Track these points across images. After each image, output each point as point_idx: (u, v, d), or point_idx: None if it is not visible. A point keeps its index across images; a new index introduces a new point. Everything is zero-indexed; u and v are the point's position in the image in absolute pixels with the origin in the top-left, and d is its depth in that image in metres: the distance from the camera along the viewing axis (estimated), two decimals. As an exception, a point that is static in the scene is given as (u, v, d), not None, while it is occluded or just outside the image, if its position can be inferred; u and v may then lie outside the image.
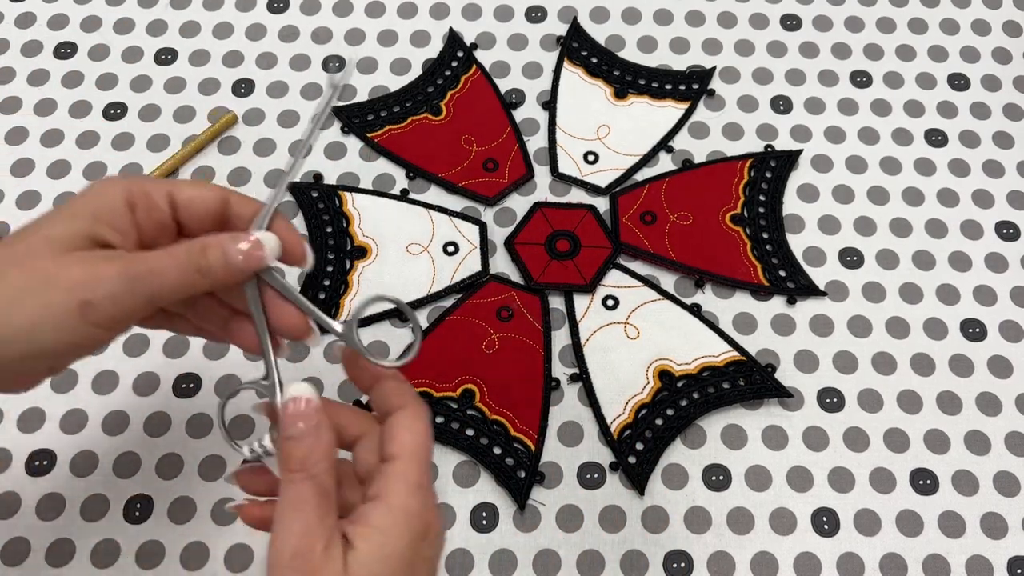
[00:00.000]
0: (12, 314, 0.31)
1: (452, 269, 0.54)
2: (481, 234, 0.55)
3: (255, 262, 0.35)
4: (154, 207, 0.35)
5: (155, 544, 0.47)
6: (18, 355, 0.32)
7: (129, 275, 0.32)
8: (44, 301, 0.31)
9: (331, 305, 0.53)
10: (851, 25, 0.64)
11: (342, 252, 0.54)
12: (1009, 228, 0.57)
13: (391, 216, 0.56)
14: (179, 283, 0.33)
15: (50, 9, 0.63)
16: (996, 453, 0.50)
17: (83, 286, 0.32)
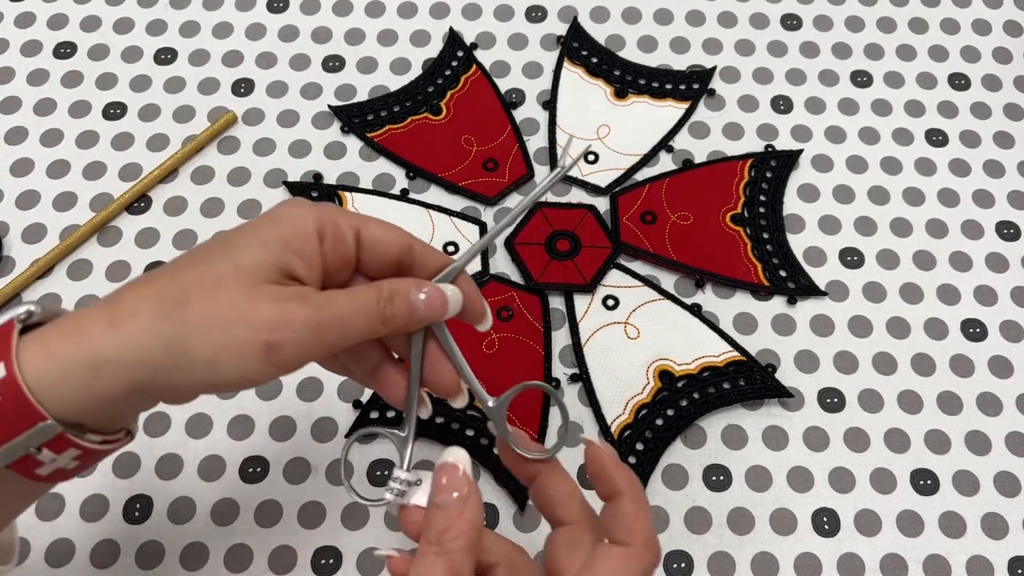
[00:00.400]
0: (196, 345, 0.31)
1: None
2: (481, 234, 0.55)
3: (436, 314, 0.35)
4: (341, 241, 0.34)
5: (154, 544, 0.47)
6: (196, 383, 0.32)
7: (317, 321, 0.32)
8: (230, 337, 0.31)
9: None
10: (851, 25, 0.64)
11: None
12: (1010, 228, 0.57)
13: (391, 216, 0.56)
14: (361, 330, 0.33)
15: (50, 9, 0.63)
16: (997, 453, 0.50)
17: (271, 328, 0.31)
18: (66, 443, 0.31)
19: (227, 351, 0.31)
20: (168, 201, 0.57)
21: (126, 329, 0.31)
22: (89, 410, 0.31)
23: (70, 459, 0.32)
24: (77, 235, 0.54)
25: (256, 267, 0.32)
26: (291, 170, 0.58)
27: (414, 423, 0.35)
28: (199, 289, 0.32)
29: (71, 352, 0.31)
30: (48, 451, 0.31)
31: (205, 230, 0.56)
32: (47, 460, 0.31)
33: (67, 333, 0.31)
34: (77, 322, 0.32)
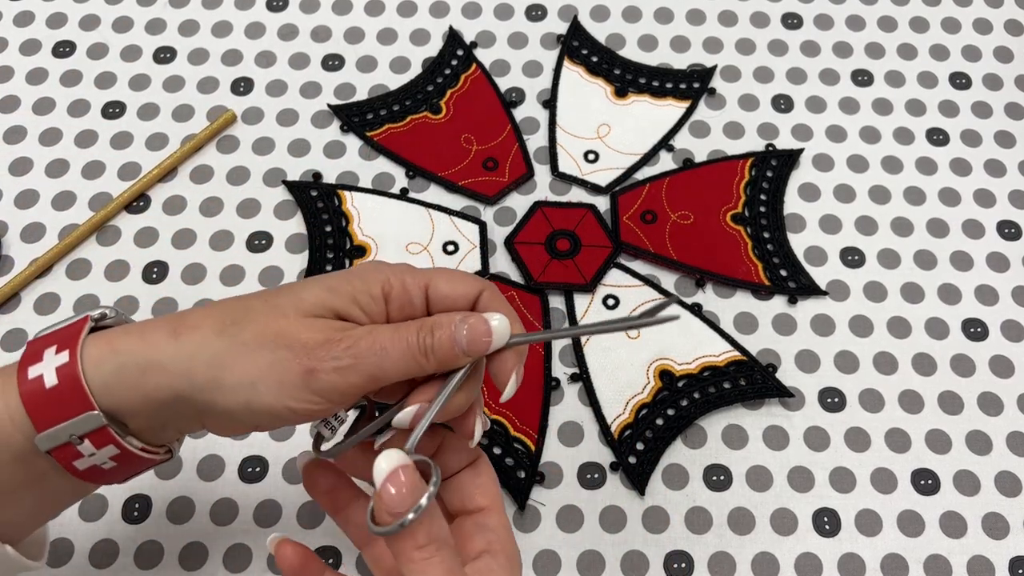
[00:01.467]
0: (239, 363, 0.32)
1: (452, 267, 0.54)
2: (481, 233, 0.55)
3: (480, 347, 0.33)
4: (407, 302, 0.35)
5: (153, 544, 0.47)
6: (237, 405, 0.32)
7: (357, 350, 0.32)
8: (272, 358, 0.32)
9: None
10: (852, 24, 0.64)
11: (341, 251, 0.54)
12: (1011, 227, 0.56)
13: (391, 215, 0.55)
14: (402, 362, 0.33)
15: (49, 7, 0.63)
16: (998, 453, 0.50)
17: (312, 353, 0.32)
18: (107, 438, 0.32)
19: (268, 372, 0.32)
20: (167, 200, 0.56)
21: (183, 340, 0.33)
22: (135, 411, 0.32)
23: (107, 457, 0.33)
24: (76, 234, 0.54)
25: (316, 304, 0.33)
26: (290, 169, 0.58)
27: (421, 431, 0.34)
28: (258, 314, 0.33)
29: (130, 351, 0.32)
30: (89, 443, 0.32)
31: (204, 229, 0.55)
32: (86, 453, 0.32)
33: (131, 335, 0.33)
34: (143, 328, 0.33)
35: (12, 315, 0.52)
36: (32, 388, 0.32)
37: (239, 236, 0.55)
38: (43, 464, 0.33)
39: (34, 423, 0.32)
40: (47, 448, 0.32)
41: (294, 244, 0.55)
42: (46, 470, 0.33)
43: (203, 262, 0.54)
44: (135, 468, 0.34)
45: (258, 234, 0.55)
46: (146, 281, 0.54)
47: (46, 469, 0.33)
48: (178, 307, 0.53)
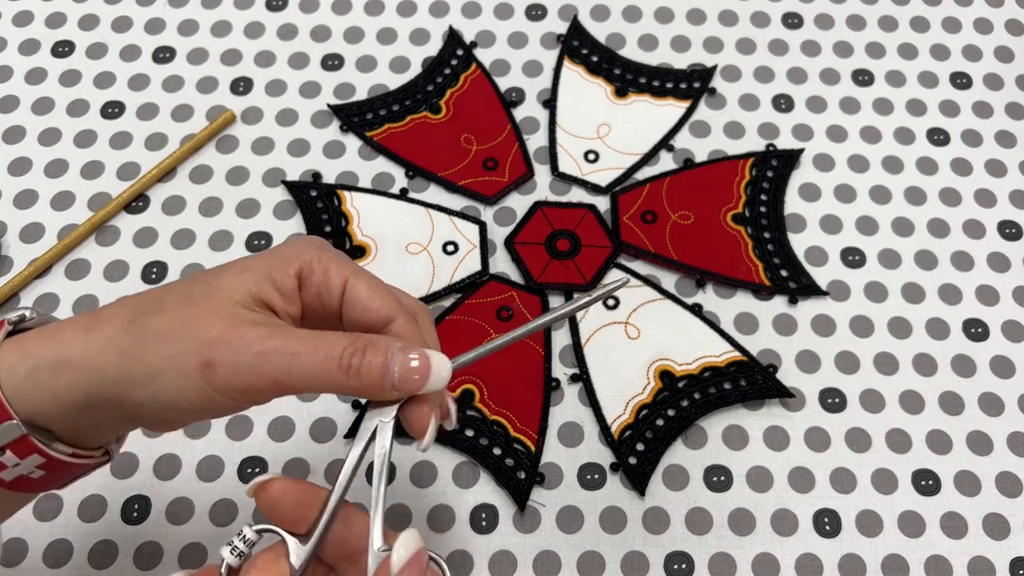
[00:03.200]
0: (145, 354, 0.30)
1: (451, 268, 0.54)
2: (481, 233, 0.55)
3: (413, 386, 0.31)
4: (325, 289, 0.33)
5: (153, 545, 0.47)
6: (146, 398, 0.30)
7: (263, 348, 0.29)
8: (174, 351, 0.30)
9: None
10: (853, 23, 0.64)
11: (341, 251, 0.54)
12: (1012, 227, 0.56)
13: (390, 215, 0.55)
14: (315, 375, 0.30)
15: (48, 7, 0.63)
16: (998, 454, 0.50)
17: (211, 346, 0.29)
18: (29, 447, 0.30)
19: (169, 364, 0.30)
20: (166, 200, 0.56)
21: (95, 335, 0.31)
22: (53, 415, 0.31)
23: (34, 467, 0.31)
24: (75, 234, 0.54)
25: (230, 289, 0.31)
26: (290, 169, 0.58)
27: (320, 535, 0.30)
28: (170, 303, 0.31)
29: (41, 353, 0.31)
30: (11, 454, 0.30)
31: (203, 229, 0.55)
32: (10, 464, 0.30)
33: (45, 336, 0.31)
34: (58, 327, 0.31)
35: (11, 315, 0.52)
36: None
37: (238, 236, 0.55)
38: None
39: None
40: None
41: (294, 244, 0.55)
42: None
43: (202, 262, 0.54)
44: (68, 475, 0.32)
45: (257, 234, 0.55)
46: (146, 281, 0.54)
47: None
48: (177, 307, 0.53)
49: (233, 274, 0.32)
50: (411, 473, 0.49)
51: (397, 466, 0.49)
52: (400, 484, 0.48)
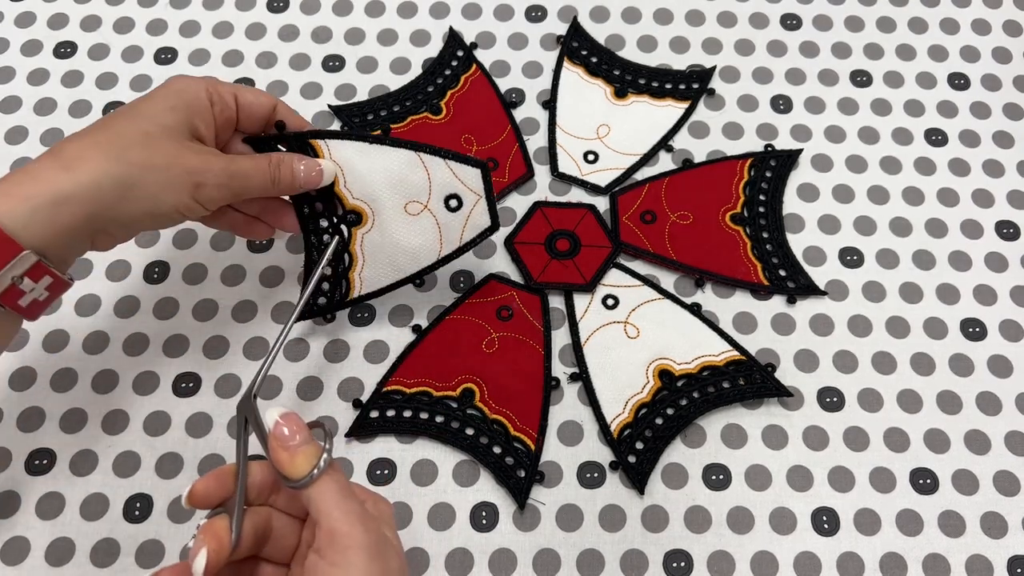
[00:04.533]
0: (141, 182, 0.40)
1: (459, 227, 0.50)
2: (484, 180, 0.49)
3: (312, 182, 0.46)
4: (225, 105, 0.45)
5: (154, 543, 0.47)
6: (142, 213, 0.41)
7: (229, 172, 0.43)
8: (168, 177, 0.41)
9: (340, 281, 0.50)
10: (851, 24, 0.64)
11: (335, 218, 0.49)
12: (1009, 228, 0.57)
13: (379, 167, 0.48)
14: (259, 186, 0.44)
15: (50, 8, 0.63)
16: (996, 452, 0.50)
17: (197, 172, 0.41)
18: (42, 271, 0.39)
19: (166, 188, 0.41)
20: (168, 200, 0.56)
21: (79, 170, 0.39)
22: (53, 242, 0.39)
23: (43, 289, 0.39)
24: (77, 234, 0.54)
25: (175, 127, 0.42)
26: (291, 169, 0.58)
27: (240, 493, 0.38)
28: (135, 141, 0.41)
29: (33, 193, 0.38)
30: (29, 280, 0.39)
31: (205, 230, 0.56)
32: (28, 289, 0.39)
33: (23, 180, 0.39)
34: (28, 171, 0.39)
35: (14, 315, 0.53)
36: None
37: (239, 237, 0.55)
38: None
39: None
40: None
41: (294, 244, 0.55)
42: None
43: (204, 262, 0.55)
44: (57, 295, 0.41)
45: (259, 234, 0.56)
46: (147, 281, 0.54)
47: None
48: (179, 308, 0.53)
49: (168, 114, 0.42)
50: (411, 471, 0.49)
51: (397, 464, 0.49)
52: (400, 483, 0.49)
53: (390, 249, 0.50)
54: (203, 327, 0.53)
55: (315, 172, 0.46)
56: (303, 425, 0.38)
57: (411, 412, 0.50)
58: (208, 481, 0.38)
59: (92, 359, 0.51)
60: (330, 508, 0.36)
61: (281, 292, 0.54)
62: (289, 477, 0.36)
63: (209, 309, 0.53)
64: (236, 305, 0.53)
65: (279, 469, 0.37)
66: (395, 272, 0.51)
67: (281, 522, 0.39)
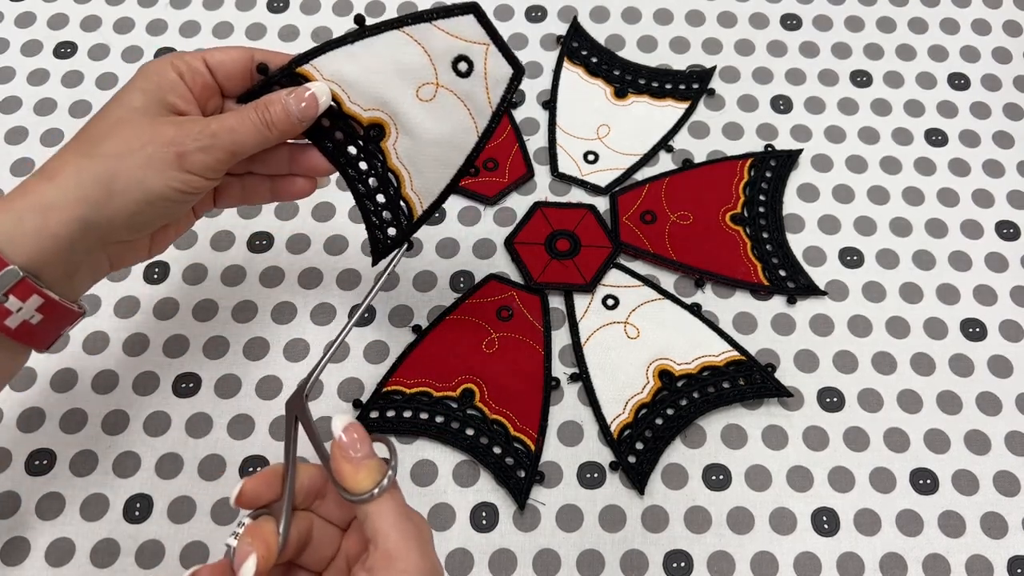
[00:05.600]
0: (121, 170, 0.37)
1: (482, 90, 0.42)
2: (482, 23, 0.42)
3: (310, 110, 0.41)
4: (197, 73, 0.41)
5: (155, 544, 0.47)
6: (135, 203, 0.38)
7: (211, 131, 0.39)
8: (147, 154, 0.38)
9: (397, 202, 0.45)
10: (851, 25, 0.64)
11: (359, 139, 0.43)
12: (1009, 228, 0.57)
13: (372, 66, 0.42)
14: (252, 136, 0.40)
15: (50, 8, 0.63)
16: (996, 453, 0.50)
17: (176, 141, 0.38)
18: (29, 288, 0.36)
19: (148, 167, 0.38)
20: (168, 201, 0.57)
21: (60, 176, 0.37)
22: (46, 258, 0.36)
23: (34, 310, 0.37)
24: (77, 235, 0.54)
25: (146, 106, 0.39)
26: (291, 170, 0.58)
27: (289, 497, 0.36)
28: (106, 132, 0.38)
29: (19, 205, 0.36)
30: (14, 298, 0.36)
31: (204, 229, 0.56)
32: (14, 308, 0.36)
33: (12, 196, 0.37)
34: (18, 187, 0.37)
35: (14, 315, 0.53)
36: None
37: (240, 236, 0.55)
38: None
39: None
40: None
41: (295, 244, 0.55)
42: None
43: (204, 262, 0.55)
44: (60, 322, 0.38)
45: (259, 234, 0.56)
46: (147, 282, 0.54)
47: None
48: (180, 309, 0.53)
49: (137, 95, 0.39)
50: (412, 472, 0.49)
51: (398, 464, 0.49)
52: (400, 483, 0.48)
53: (427, 148, 0.44)
54: (203, 327, 0.53)
55: (307, 97, 0.40)
56: (368, 437, 0.36)
57: (411, 412, 0.50)
58: (257, 481, 0.36)
59: (92, 360, 0.51)
60: (388, 529, 0.34)
61: (281, 292, 0.54)
62: (349, 491, 0.35)
63: (209, 309, 0.53)
64: (236, 305, 0.53)
65: (339, 481, 0.35)
66: (445, 169, 0.44)
67: (322, 530, 0.38)
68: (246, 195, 0.44)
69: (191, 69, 0.41)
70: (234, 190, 0.44)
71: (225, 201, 0.44)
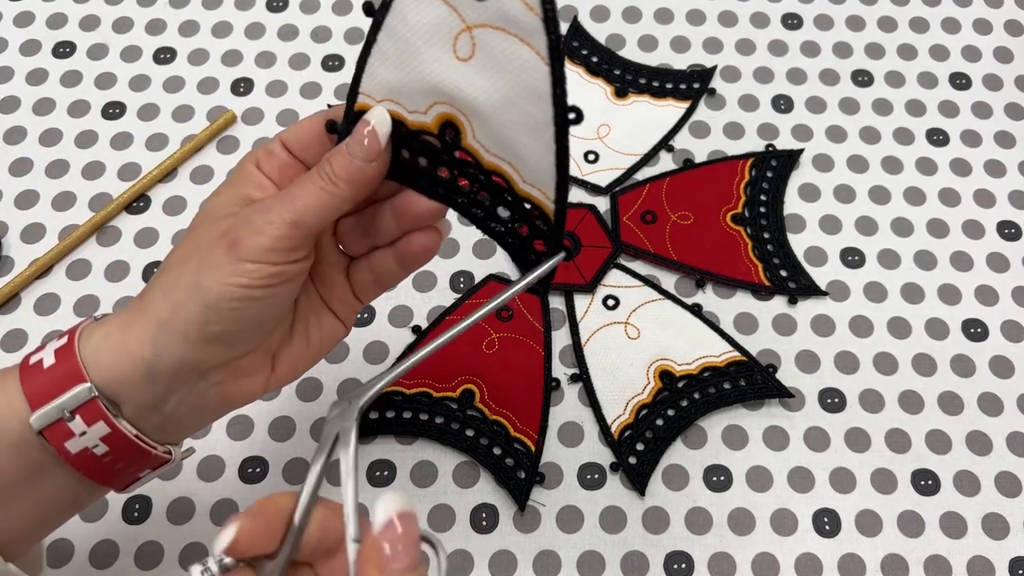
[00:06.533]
0: (182, 274, 0.33)
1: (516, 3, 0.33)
2: None
3: (374, 147, 0.34)
4: (272, 154, 0.36)
5: (154, 545, 0.47)
6: (198, 311, 0.32)
7: (263, 205, 0.33)
8: (201, 256, 0.33)
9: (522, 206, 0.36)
10: (852, 24, 0.64)
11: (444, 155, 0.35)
12: (1011, 228, 0.56)
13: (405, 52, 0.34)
14: (315, 199, 0.33)
15: (49, 8, 0.63)
16: (998, 454, 0.50)
17: (228, 232, 0.33)
18: (97, 412, 0.32)
19: (202, 268, 0.33)
20: (167, 201, 0.56)
21: (147, 293, 0.34)
22: (126, 379, 0.32)
23: (98, 439, 0.32)
24: (76, 235, 0.54)
25: (219, 206, 0.35)
26: (291, 170, 0.58)
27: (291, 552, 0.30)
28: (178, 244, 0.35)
29: (113, 321, 0.34)
30: (80, 419, 0.32)
31: (204, 230, 0.55)
32: (77, 431, 0.32)
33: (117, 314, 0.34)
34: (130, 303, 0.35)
35: (12, 316, 0.52)
36: (30, 371, 0.33)
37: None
38: (38, 455, 0.33)
39: (29, 404, 0.32)
40: (39, 427, 0.32)
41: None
42: (42, 462, 0.33)
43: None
44: (130, 461, 0.34)
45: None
46: (146, 282, 0.54)
47: (42, 461, 0.33)
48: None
49: (212, 199, 0.36)
50: (411, 473, 0.49)
51: (397, 466, 0.49)
52: (400, 484, 0.48)
53: (504, 118, 0.33)
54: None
55: (367, 133, 0.34)
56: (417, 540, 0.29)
57: (411, 413, 0.50)
58: (256, 524, 0.29)
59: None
60: None
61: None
62: None
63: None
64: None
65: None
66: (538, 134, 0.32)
67: None
68: (377, 275, 0.38)
69: (266, 153, 0.36)
70: (364, 274, 0.38)
71: (363, 291, 0.38)
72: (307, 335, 0.37)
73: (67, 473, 0.33)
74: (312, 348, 0.38)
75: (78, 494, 0.35)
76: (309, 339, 0.38)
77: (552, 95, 0.31)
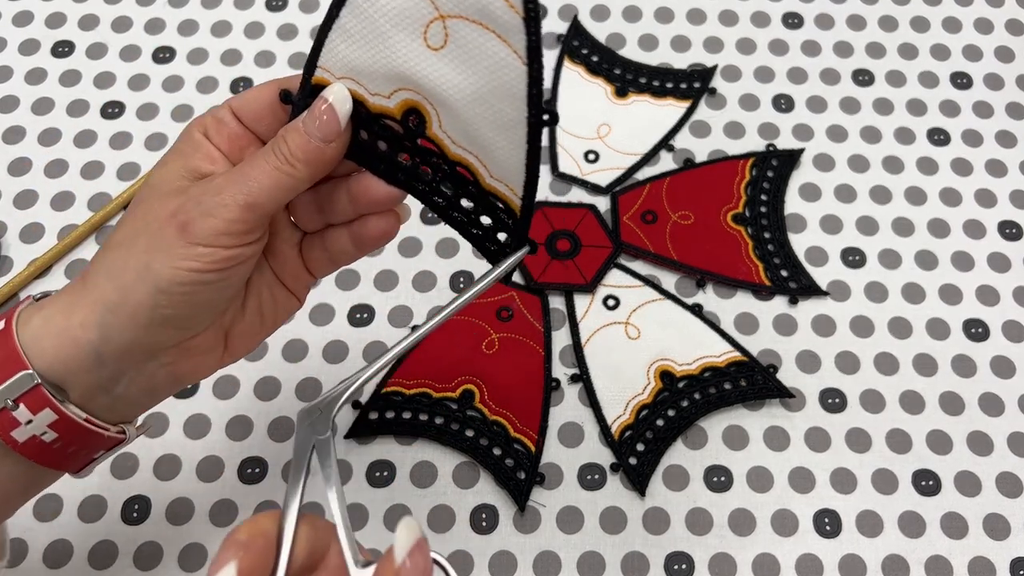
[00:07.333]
0: (130, 256, 0.32)
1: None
2: None
3: (332, 124, 0.32)
4: (222, 123, 0.34)
5: (153, 545, 0.47)
6: (148, 295, 0.31)
7: (215, 184, 0.31)
8: (150, 235, 0.31)
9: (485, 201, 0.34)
10: (853, 23, 0.64)
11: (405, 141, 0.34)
12: (1012, 228, 0.56)
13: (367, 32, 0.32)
14: (270, 179, 0.32)
15: (48, 7, 0.63)
16: (999, 454, 0.50)
17: (178, 212, 0.31)
18: (42, 400, 0.31)
19: (152, 250, 0.31)
20: (166, 200, 0.56)
21: (90, 272, 0.33)
22: (71, 363, 0.31)
23: (46, 426, 0.31)
24: (75, 235, 0.54)
25: (166, 179, 0.33)
26: (290, 169, 0.57)
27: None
28: (123, 219, 0.33)
29: (50, 303, 0.32)
30: (24, 408, 0.31)
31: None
32: (23, 420, 0.31)
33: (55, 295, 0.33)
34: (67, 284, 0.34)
35: (11, 316, 0.52)
36: None
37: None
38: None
39: None
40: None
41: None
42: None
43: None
44: (80, 444, 0.33)
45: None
46: (145, 281, 0.54)
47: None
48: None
49: (156, 170, 0.34)
50: (411, 473, 0.49)
51: (397, 466, 0.49)
52: (400, 484, 0.48)
53: (472, 112, 0.32)
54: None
55: (324, 110, 0.32)
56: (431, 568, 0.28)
57: (411, 413, 0.50)
58: (253, 559, 0.28)
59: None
60: None
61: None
62: None
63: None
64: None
65: None
66: (509, 132, 0.31)
67: None
68: (332, 254, 0.36)
69: (215, 121, 0.34)
70: (318, 252, 0.36)
71: (316, 267, 0.37)
72: (260, 311, 0.36)
73: (17, 460, 0.32)
74: (266, 323, 0.36)
75: (31, 479, 0.34)
76: (263, 315, 0.36)
77: (528, 95, 0.30)
